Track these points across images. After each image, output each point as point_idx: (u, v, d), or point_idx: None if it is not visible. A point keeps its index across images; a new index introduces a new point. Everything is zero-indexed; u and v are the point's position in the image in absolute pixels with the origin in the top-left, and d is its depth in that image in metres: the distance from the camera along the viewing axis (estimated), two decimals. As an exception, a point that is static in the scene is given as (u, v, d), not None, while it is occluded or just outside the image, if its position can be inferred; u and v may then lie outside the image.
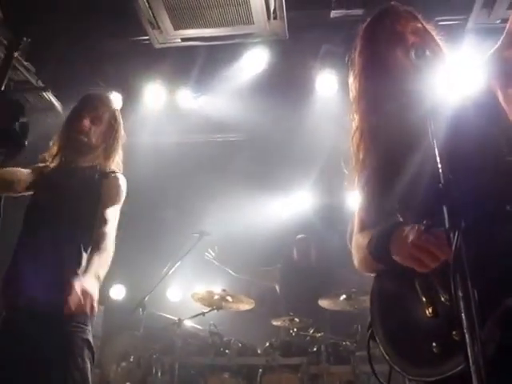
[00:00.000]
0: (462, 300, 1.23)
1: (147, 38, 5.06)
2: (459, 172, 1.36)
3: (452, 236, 1.26)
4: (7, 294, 2.52)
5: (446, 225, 1.29)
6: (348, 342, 4.75)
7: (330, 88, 5.21)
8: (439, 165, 1.37)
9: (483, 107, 1.74)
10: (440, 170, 1.36)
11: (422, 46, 1.65)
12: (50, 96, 5.62)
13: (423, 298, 1.60)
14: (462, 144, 1.60)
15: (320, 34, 4.73)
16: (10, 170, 2.82)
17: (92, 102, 2.99)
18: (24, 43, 4.94)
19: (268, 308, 5.74)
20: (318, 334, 4.89)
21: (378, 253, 1.72)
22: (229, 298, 5.12)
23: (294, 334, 4.99)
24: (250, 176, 6.13)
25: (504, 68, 1.75)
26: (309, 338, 4.92)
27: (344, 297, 4.91)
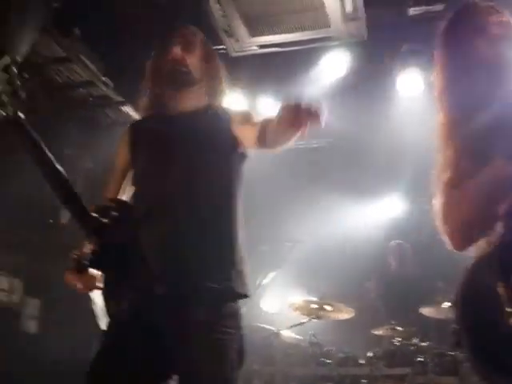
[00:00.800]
0: None
1: (223, 46, 5.02)
2: None
3: None
4: None
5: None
6: (455, 352, 4.55)
7: (414, 87, 4.99)
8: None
9: None
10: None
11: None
12: (128, 110, 5.71)
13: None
14: None
15: (399, 32, 4.54)
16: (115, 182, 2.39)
17: (179, 32, 2.44)
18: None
19: (367, 317, 5.59)
20: (423, 344, 4.72)
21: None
22: (327, 307, 5.03)
23: (397, 343, 4.83)
24: (337, 182, 5.99)
25: None
26: (413, 347, 4.75)
27: (448, 304, 4.67)
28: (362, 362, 4.92)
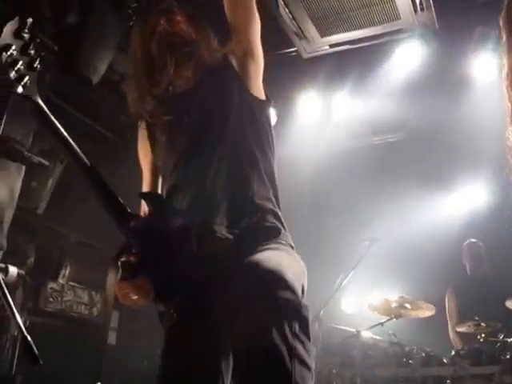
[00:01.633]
0: None
1: (294, 49, 5.09)
2: None
3: None
4: None
5: None
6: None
7: (489, 72, 4.83)
8: None
9: None
10: None
11: None
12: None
13: None
14: None
15: (471, 18, 4.44)
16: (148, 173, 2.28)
17: (157, 8, 2.28)
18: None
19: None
20: (509, 339, 4.48)
21: None
22: (407, 305, 4.88)
23: (482, 340, 4.62)
24: (414, 176, 5.87)
25: None
26: (499, 344, 4.53)
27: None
28: (445, 361, 4.75)
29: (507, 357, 4.36)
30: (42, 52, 1.79)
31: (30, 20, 1.74)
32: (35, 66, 1.76)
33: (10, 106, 3.77)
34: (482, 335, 4.61)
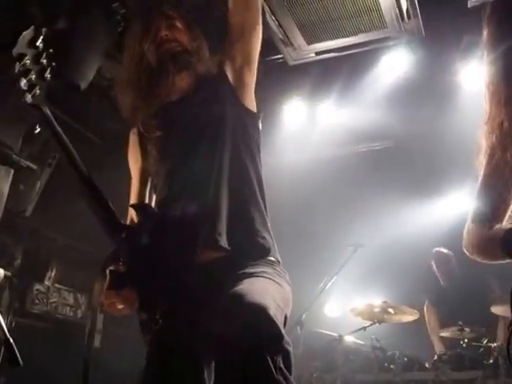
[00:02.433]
0: None
1: (280, 56, 5.12)
2: None
3: None
4: None
5: None
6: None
7: (476, 80, 4.87)
8: None
9: None
10: None
11: None
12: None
13: None
14: None
15: (458, 26, 4.47)
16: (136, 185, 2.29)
17: (156, 12, 2.28)
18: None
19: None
20: (493, 345, 4.52)
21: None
22: (390, 310, 4.93)
23: (465, 345, 4.66)
24: (400, 184, 5.91)
25: None
26: (482, 349, 4.57)
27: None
28: (427, 366, 4.79)
29: (490, 362, 4.39)
30: (53, 62, 1.85)
31: (44, 29, 1.78)
32: (46, 75, 1.81)
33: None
34: (465, 340, 4.66)
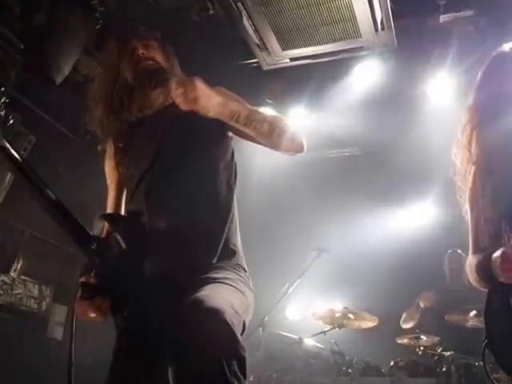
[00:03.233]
0: None
1: (255, 60, 5.15)
2: None
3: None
4: None
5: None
6: (482, 362, 4.45)
7: (445, 94, 5.01)
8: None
9: None
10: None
11: None
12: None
13: None
14: None
15: (430, 40, 4.58)
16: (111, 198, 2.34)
17: (134, 34, 2.35)
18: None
19: (392, 325, 5.51)
20: (447, 353, 4.64)
21: (484, 273, 2.01)
22: (351, 316, 5.01)
23: (420, 352, 4.77)
24: (366, 191, 6.01)
25: None
26: (437, 357, 4.68)
27: (474, 313, 4.57)
28: (383, 371, 4.88)
29: (443, 370, 4.52)
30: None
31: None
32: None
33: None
34: (421, 348, 4.77)
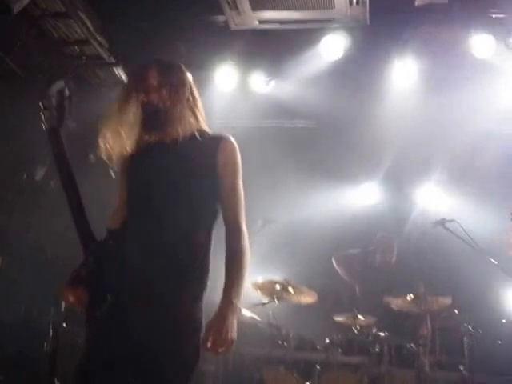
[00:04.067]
0: None
1: (224, 19, 4.95)
2: None
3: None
4: None
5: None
6: (413, 345, 4.55)
7: (408, 78, 4.99)
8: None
9: None
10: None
11: None
12: (119, 71, 5.61)
13: None
14: None
15: (402, 21, 4.54)
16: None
17: (132, 74, 2.44)
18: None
19: (330, 303, 5.53)
20: (381, 334, 4.70)
21: None
22: (290, 289, 4.96)
23: (356, 331, 4.81)
24: (317, 164, 5.97)
25: None
26: (371, 337, 4.74)
27: (411, 297, 4.65)
28: (318, 347, 4.91)
29: (376, 350, 4.60)
30: None
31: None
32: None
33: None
34: (357, 327, 4.81)
